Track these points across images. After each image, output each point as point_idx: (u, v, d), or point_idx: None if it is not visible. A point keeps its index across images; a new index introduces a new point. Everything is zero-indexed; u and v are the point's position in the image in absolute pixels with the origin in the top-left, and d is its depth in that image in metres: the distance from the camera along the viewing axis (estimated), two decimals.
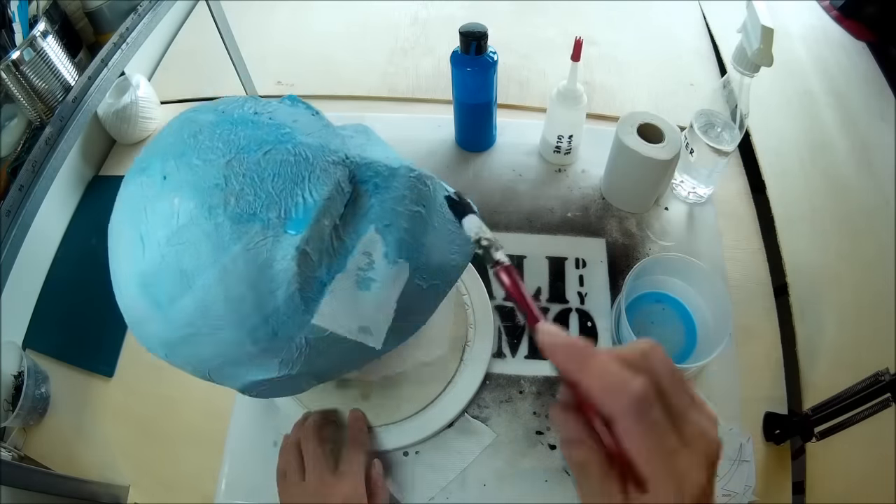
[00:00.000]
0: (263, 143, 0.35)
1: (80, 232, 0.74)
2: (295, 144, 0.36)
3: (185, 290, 0.35)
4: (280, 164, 0.35)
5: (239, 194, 0.34)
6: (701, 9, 0.97)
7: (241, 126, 0.36)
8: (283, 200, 0.35)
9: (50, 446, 0.60)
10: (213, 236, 0.34)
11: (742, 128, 0.60)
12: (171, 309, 0.35)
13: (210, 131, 0.36)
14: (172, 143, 0.36)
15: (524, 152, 0.77)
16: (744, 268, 0.66)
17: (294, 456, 0.50)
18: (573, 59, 0.62)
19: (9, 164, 0.62)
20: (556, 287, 0.65)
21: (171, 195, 0.34)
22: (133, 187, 0.37)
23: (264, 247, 0.34)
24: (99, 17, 0.76)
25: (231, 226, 0.34)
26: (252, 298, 0.35)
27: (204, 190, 0.34)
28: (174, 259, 0.34)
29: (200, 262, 0.34)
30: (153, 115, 0.82)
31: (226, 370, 0.39)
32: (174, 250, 0.34)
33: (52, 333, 0.67)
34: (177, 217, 0.34)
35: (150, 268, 0.35)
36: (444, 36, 0.92)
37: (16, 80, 0.59)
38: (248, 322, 0.36)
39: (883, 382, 0.42)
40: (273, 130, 0.36)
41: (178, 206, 0.34)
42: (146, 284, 0.35)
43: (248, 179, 0.34)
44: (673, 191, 0.72)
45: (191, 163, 0.35)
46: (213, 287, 0.34)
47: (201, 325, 0.36)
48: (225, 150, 0.35)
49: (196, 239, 0.34)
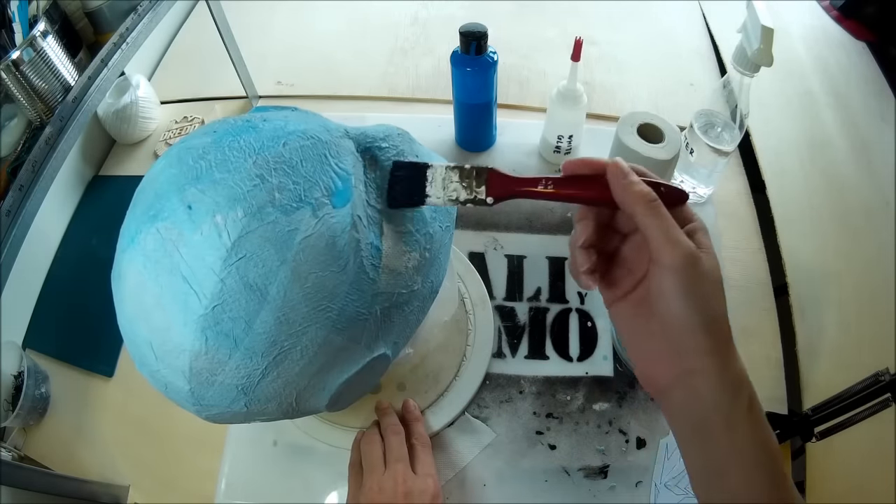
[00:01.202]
0: (276, 138, 0.35)
1: (80, 232, 0.74)
2: (303, 130, 0.36)
3: (260, 306, 0.33)
4: (301, 149, 0.35)
5: (279, 187, 0.34)
6: (701, 9, 0.97)
7: (243, 133, 0.36)
8: (320, 179, 0.35)
9: (50, 446, 0.60)
10: (272, 236, 0.33)
11: (742, 128, 0.60)
12: (249, 336, 0.33)
13: (216, 147, 0.35)
14: (178, 174, 0.34)
15: (524, 152, 0.77)
16: (744, 268, 0.66)
17: (378, 445, 0.50)
18: (573, 58, 0.62)
19: (9, 164, 0.62)
20: (556, 287, 0.65)
21: (207, 218, 0.32)
22: (149, 241, 0.34)
23: (322, 228, 0.34)
24: (99, 16, 0.76)
25: (285, 219, 0.33)
26: (328, 283, 0.35)
27: (243, 195, 0.33)
28: (238, 279, 0.32)
29: (268, 268, 0.33)
30: (153, 115, 0.82)
31: (314, 385, 0.38)
32: (234, 269, 0.32)
33: (52, 333, 0.67)
34: (226, 234, 0.32)
35: (210, 303, 0.32)
36: (444, 36, 0.92)
37: (16, 79, 0.59)
38: (329, 311, 0.35)
39: (883, 382, 0.42)
40: (275, 128, 0.36)
41: (224, 223, 0.32)
42: (212, 324, 0.33)
43: (281, 171, 0.34)
44: None
45: (214, 179, 0.33)
46: (289, 288, 0.33)
47: (285, 339, 0.34)
48: (243, 155, 0.34)
49: (256, 246, 0.32)
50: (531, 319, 0.63)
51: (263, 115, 0.39)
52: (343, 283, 0.35)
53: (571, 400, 0.58)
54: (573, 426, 0.56)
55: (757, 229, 0.70)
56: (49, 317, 0.68)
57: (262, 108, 0.43)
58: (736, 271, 0.66)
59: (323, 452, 0.55)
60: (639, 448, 0.55)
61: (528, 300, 0.64)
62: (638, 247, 0.33)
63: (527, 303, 0.64)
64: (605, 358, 0.60)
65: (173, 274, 0.33)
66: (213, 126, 0.38)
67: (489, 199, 0.34)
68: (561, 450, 0.55)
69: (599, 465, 0.54)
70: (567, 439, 0.56)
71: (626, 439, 0.56)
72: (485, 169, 0.34)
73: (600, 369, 0.60)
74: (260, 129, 0.36)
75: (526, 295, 0.64)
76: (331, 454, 0.55)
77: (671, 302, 0.30)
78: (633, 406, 0.57)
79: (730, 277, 0.65)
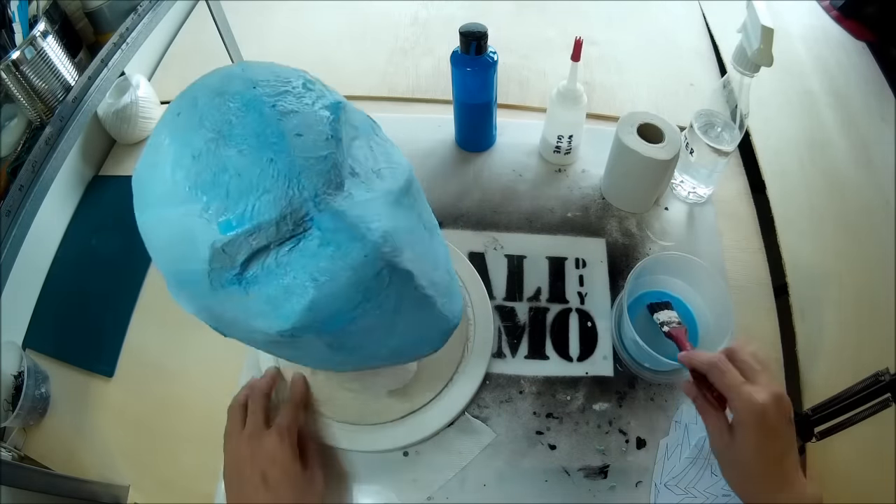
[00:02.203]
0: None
1: (80, 232, 0.74)
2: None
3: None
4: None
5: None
6: (701, 9, 0.97)
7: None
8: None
9: (50, 446, 0.60)
10: None
11: (742, 128, 0.60)
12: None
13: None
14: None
15: (524, 152, 0.77)
16: (744, 268, 0.66)
17: (239, 412, 0.51)
18: (573, 58, 0.62)
19: (9, 164, 0.62)
20: (556, 287, 0.65)
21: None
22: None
23: None
24: (99, 16, 0.76)
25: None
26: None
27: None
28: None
29: None
30: (153, 115, 0.82)
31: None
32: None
33: (52, 333, 0.67)
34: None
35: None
36: (444, 36, 0.92)
37: (16, 79, 0.59)
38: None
39: (883, 382, 0.42)
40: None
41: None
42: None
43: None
44: (673, 191, 0.72)
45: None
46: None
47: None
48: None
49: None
50: (531, 319, 0.63)
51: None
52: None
53: (571, 400, 0.58)
54: (573, 426, 0.56)
55: (757, 229, 0.70)
56: (49, 317, 0.68)
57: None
58: (736, 271, 0.66)
59: (322, 452, 0.55)
60: (639, 448, 0.55)
61: (528, 300, 0.64)
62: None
63: (527, 303, 0.64)
64: (605, 358, 0.60)
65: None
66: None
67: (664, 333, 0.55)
68: (561, 450, 0.55)
69: (599, 465, 0.54)
70: (567, 439, 0.56)
71: (626, 439, 0.56)
72: (676, 331, 0.54)
73: (600, 369, 0.60)
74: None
75: (526, 295, 0.64)
76: (330, 453, 0.55)
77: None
78: (633, 406, 0.57)
79: (730, 278, 0.65)
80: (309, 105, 0.38)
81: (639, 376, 0.59)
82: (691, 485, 0.53)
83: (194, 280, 0.37)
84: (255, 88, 0.37)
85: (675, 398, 0.58)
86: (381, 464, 0.55)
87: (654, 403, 0.57)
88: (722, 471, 0.43)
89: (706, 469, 0.54)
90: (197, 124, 0.35)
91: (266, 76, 0.38)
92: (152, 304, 0.66)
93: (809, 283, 0.64)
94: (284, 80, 0.39)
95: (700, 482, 0.53)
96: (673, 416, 0.57)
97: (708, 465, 0.54)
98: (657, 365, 0.56)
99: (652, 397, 0.58)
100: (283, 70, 0.41)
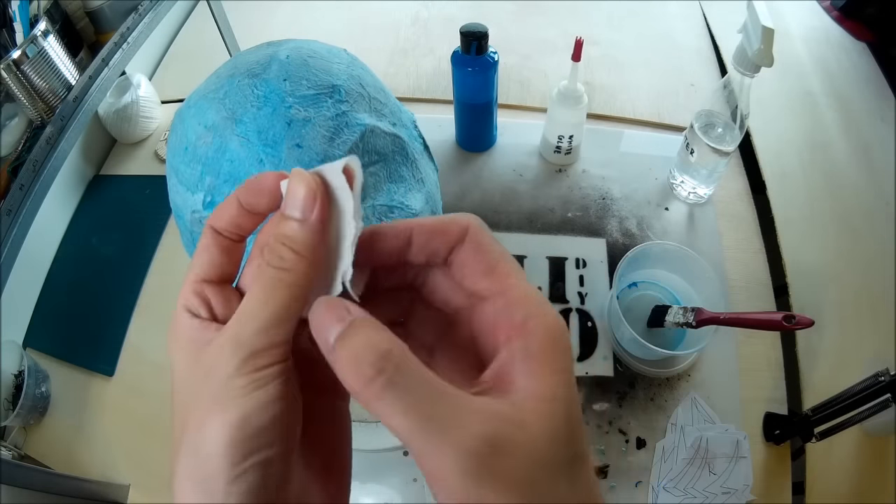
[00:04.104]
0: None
1: (81, 232, 0.74)
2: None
3: None
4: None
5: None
6: (701, 9, 0.97)
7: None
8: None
9: (50, 445, 0.60)
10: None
11: (742, 128, 0.60)
12: None
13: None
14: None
15: (525, 152, 0.77)
16: (744, 268, 0.66)
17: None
18: (573, 59, 0.62)
19: (10, 164, 0.62)
20: (556, 287, 0.65)
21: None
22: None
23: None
24: (100, 16, 0.76)
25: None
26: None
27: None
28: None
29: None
30: (154, 115, 0.82)
31: None
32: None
33: (52, 333, 0.67)
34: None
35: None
36: (444, 36, 0.92)
37: (17, 79, 0.59)
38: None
39: (883, 382, 0.42)
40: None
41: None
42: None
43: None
44: (673, 191, 0.72)
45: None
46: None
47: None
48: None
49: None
50: None
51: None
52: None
53: None
54: None
55: (757, 230, 0.70)
56: (49, 316, 0.68)
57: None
58: (736, 271, 0.66)
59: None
60: (638, 448, 0.55)
61: None
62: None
63: None
64: (604, 358, 0.60)
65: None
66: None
67: (694, 323, 0.53)
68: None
69: (599, 465, 0.54)
70: None
71: (626, 439, 0.56)
72: (696, 308, 0.54)
73: (600, 369, 0.60)
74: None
75: None
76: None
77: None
78: (633, 406, 0.57)
79: (730, 278, 0.65)
80: (326, 118, 0.38)
81: (636, 372, 0.59)
82: (690, 485, 0.53)
83: (183, 232, 0.42)
84: (284, 81, 0.38)
85: (675, 399, 0.58)
86: (381, 463, 0.55)
87: (654, 404, 0.57)
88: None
89: (704, 468, 0.54)
90: (221, 98, 0.39)
91: (302, 72, 0.38)
92: (152, 304, 0.66)
93: (809, 283, 0.64)
94: (318, 83, 0.39)
95: (699, 482, 0.53)
96: (669, 418, 0.57)
97: (705, 464, 0.54)
98: (649, 354, 0.56)
99: (652, 397, 0.58)
100: (324, 72, 0.39)
